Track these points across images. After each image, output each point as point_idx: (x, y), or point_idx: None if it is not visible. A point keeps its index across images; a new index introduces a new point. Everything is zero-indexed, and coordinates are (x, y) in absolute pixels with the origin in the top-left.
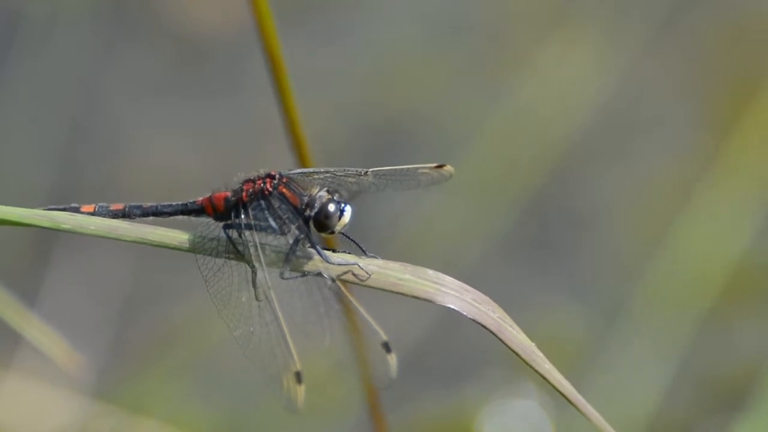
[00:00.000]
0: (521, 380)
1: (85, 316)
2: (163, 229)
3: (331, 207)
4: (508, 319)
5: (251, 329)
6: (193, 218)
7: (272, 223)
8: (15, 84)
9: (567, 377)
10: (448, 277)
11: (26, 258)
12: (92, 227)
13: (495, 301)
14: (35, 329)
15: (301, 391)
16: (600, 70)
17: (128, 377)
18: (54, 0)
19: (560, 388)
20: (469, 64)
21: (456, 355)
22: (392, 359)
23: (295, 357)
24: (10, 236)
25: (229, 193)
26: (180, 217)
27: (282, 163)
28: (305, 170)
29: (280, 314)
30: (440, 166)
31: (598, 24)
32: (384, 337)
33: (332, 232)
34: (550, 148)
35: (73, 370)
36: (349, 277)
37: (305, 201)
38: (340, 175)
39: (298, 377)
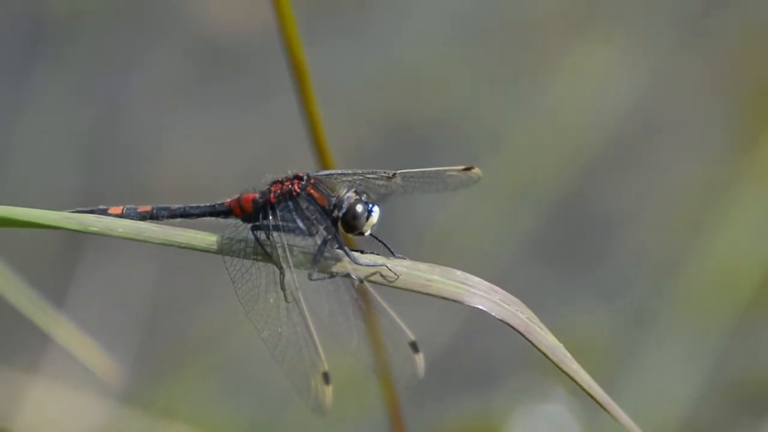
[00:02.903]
0: (550, 384)
1: (112, 319)
2: (191, 230)
3: (359, 208)
4: (536, 320)
5: (279, 330)
6: (221, 220)
7: (300, 224)
8: (42, 88)
9: (595, 379)
10: (476, 277)
11: (54, 262)
12: (120, 229)
13: (523, 302)
14: (72, 337)
15: (328, 392)
16: (628, 73)
17: (155, 380)
18: (79, 3)
19: (588, 389)
20: (496, 66)
21: (485, 359)
22: (419, 359)
23: (323, 358)
24: (38, 240)
25: (257, 195)
26: (208, 219)
27: (309, 166)
28: (333, 171)
29: (307, 315)
30: (468, 169)
31: (625, 26)
32: (411, 336)
33: (360, 233)
34: (577, 151)
35: (111, 379)
36: (377, 278)
37: (333, 202)
38: (369, 177)
39: (326, 378)
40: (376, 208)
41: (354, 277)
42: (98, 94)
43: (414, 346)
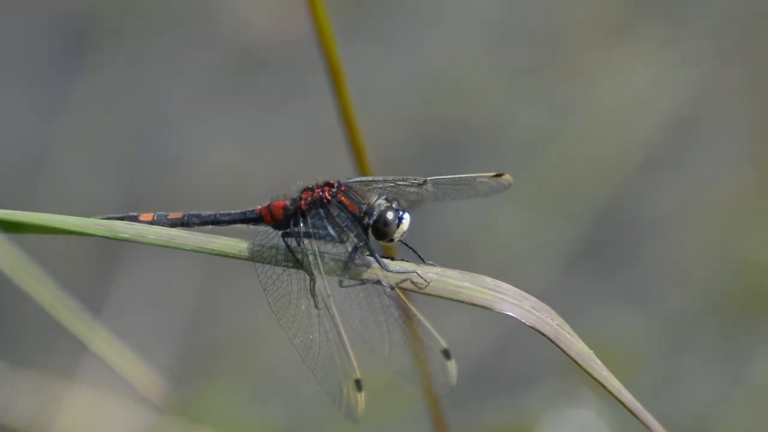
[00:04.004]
0: (581, 390)
1: (147, 326)
2: (223, 237)
3: (390, 215)
4: (567, 327)
5: (310, 337)
6: (251, 227)
7: (331, 231)
8: (78, 95)
9: (626, 386)
10: (506, 284)
11: (88, 269)
12: (151, 236)
13: (553, 309)
14: (115, 353)
15: (361, 398)
16: (661, 80)
17: (190, 387)
18: (115, 13)
19: (618, 396)
20: (531, 73)
21: (516, 365)
22: (452, 366)
23: (355, 365)
24: (71, 247)
25: (287, 202)
26: (238, 226)
27: (341, 172)
28: (364, 179)
29: (339, 322)
30: (499, 175)
31: (660, 34)
32: (444, 344)
33: (391, 240)
34: (611, 158)
35: (156, 396)
36: (407, 285)
37: (364, 209)
38: (399, 184)
39: (358, 385)
40: (406, 216)
41: (385, 284)
42: (131, 101)
43: (446, 354)
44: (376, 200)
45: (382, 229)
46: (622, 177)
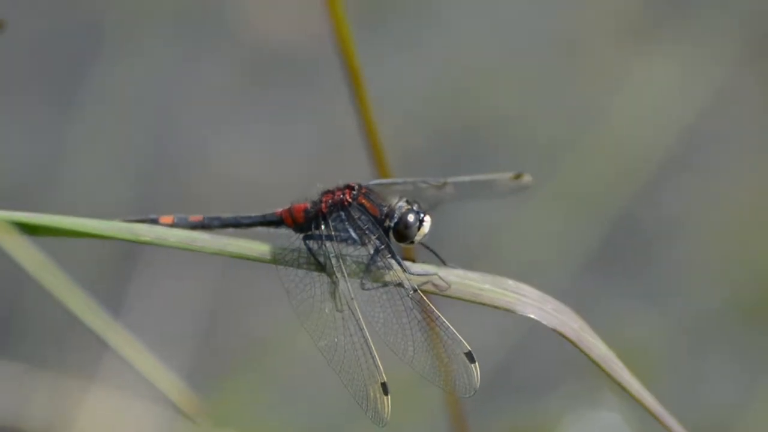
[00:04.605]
0: (603, 391)
1: (168, 328)
2: (243, 240)
3: (411, 217)
4: (588, 329)
5: (335, 340)
6: (272, 230)
7: (352, 233)
8: (93, 97)
9: (647, 388)
10: (527, 286)
11: (108, 272)
12: (172, 239)
13: (575, 311)
14: (138, 355)
15: (387, 401)
16: (683, 82)
17: (212, 389)
18: (131, 14)
19: (639, 399)
20: (552, 77)
21: (538, 367)
22: (475, 369)
23: (380, 368)
24: (91, 250)
25: (308, 205)
26: (259, 229)
27: (362, 174)
28: (384, 181)
29: (363, 325)
30: (518, 176)
31: (682, 36)
32: (467, 346)
33: (412, 242)
34: (630, 160)
35: (191, 411)
36: (429, 287)
37: (385, 211)
38: (419, 186)
39: (384, 388)
40: (427, 218)
41: (406, 286)
42: (150, 104)
43: (470, 356)
44: (396, 202)
45: (403, 232)
46: (644, 179)
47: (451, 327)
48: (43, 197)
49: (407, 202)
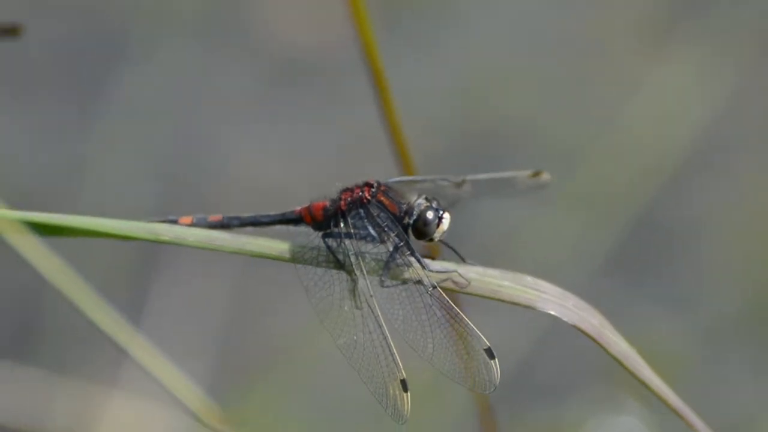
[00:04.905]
0: (623, 396)
1: (188, 331)
2: (262, 239)
3: (430, 214)
4: (609, 326)
5: (354, 338)
6: (291, 228)
7: (371, 231)
8: (114, 100)
9: (671, 388)
10: (547, 283)
11: (126, 274)
12: (191, 238)
13: (595, 309)
14: (156, 363)
15: (407, 399)
16: (702, 84)
17: (233, 393)
18: (154, 21)
19: (662, 396)
20: (571, 79)
21: (558, 369)
22: (495, 365)
23: (400, 365)
24: (111, 252)
25: (327, 203)
26: (278, 228)
27: (380, 175)
28: (403, 179)
29: (383, 322)
30: (537, 174)
31: (701, 38)
32: (486, 342)
33: (431, 240)
34: (649, 161)
35: (213, 423)
36: (448, 284)
37: (404, 209)
38: (438, 183)
39: (404, 385)
40: (446, 215)
41: (426, 283)
42: (170, 106)
43: (489, 352)
44: (415, 200)
45: (422, 229)
46: (664, 180)
47: (470, 323)
48: (66, 201)
49: (426, 199)
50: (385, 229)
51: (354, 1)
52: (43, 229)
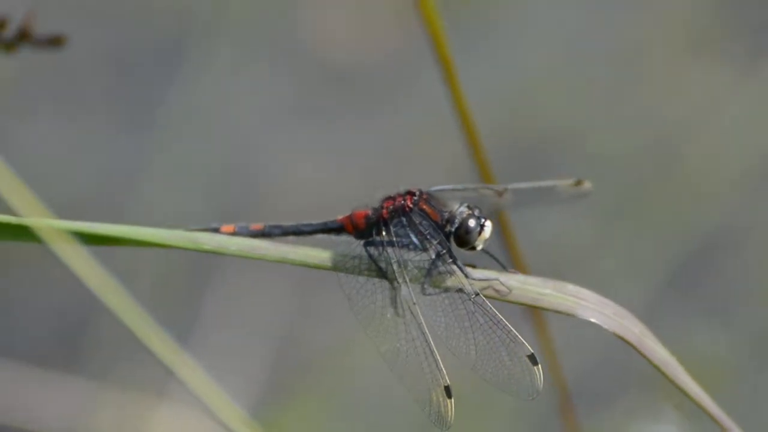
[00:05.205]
0: (662, 405)
1: (232, 342)
2: (304, 247)
3: (472, 222)
4: (649, 334)
5: (397, 346)
6: (333, 237)
7: (414, 239)
8: (161, 110)
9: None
10: (588, 291)
11: (173, 283)
12: (233, 247)
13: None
14: (200, 380)
15: (450, 405)
16: (755, 95)
17: (278, 405)
18: (201, 28)
19: (702, 405)
20: (614, 87)
21: (596, 377)
22: (538, 371)
23: (444, 372)
24: (155, 262)
25: (369, 211)
26: (320, 237)
27: (423, 182)
28: (444, 187)
29: (426, 330)
30: (579, 183)
31: (755, 47)
32: (529, 349)
33: (473, 248)
34: (692, 171)
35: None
36: (489, 292)
37: (446, 217)
38: (480, 192)
39: (448, 392)
40: (488, 223)
41: (468, 290)
42: (215, 115)
43: (533, 359)
44: (457, 208)
45: (463, 237)
46: (714, 192)
47: (513, 330)
48: (111, 211)
49: (468, 207)
50: (427, 237)
51: (424, 3)
52: (86, 238)
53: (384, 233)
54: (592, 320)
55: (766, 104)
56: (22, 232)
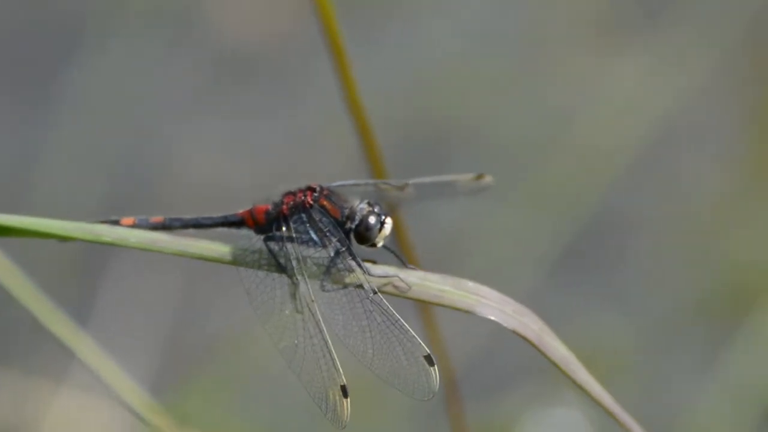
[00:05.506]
0: (563, 391)
1: (131, 329)
2: (204, 241)
3: (372, 219)
4: (548, 331)
5: (295, 342)
6: (233, 231)
7: (313, 235)
8: (61, 98)
9: (607, 390)
10: (488, 288)
11: (71, 275)
12: (133, 240)
13: (535, 313)
14: (100, 361)
15: (347, 404)
16: (649, 81)
17: (175, 390)
18: (102, 15)
19: (599, 400)
20: (518, 75)
21: (498, 365)
22: (434, 372)
23: (340, 371)
24: (52, 252)
25: (269, 206)
26: (220, 230)
27: (324, 174)
28: (345, 182)
29: (323, 327)
30: (479, 177)
31: (648, 35)
32: (426, 349)
33: (373, 245)
34: (596, 161)
35: (150, 416)
36: (389, 289)
37: (346, 213)
38: (381, 187)
39: (344, 391)
40: (388, 220)
41: (367, 288)
42: (115, 106)
43: (429, 359)
44: (358, 204)
45: (364, 234)
46: (608, 180)
47: (410, 330)
48: (8, 201)
49: (368, 203)
50: (327, 233)
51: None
52: None
53: (284, 229)
54: (492, 318)
55: (667, 90)
56: None
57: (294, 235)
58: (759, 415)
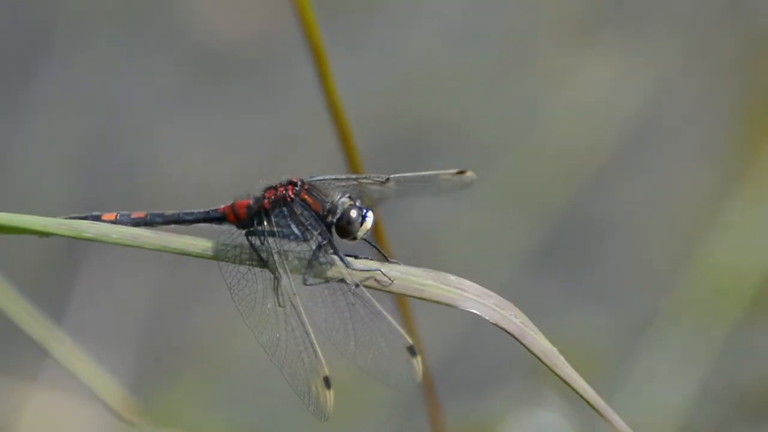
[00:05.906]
0: (545, 391)
1: (111, 328)
2: (186, 236)
3: (353, 213)
4: (530, 324)
5: (277, 336)
6: (215, 226)
7: (295, 230)
8: (39, 95)
9: (591, 384)
10: (469, 282)
11: (50, 270)
12: (114, 235)
13: (518, 307)
14: (76, 359)
15: (330, 396)
16: (625, 81)
17: (155, 389)
18: (78, 13)
19: (582, 393)
20: (498, 75)
21: (480, 364)
22: (417, 363)
23: (323, 362)
24: (30, 248)
25: (251, 201)
26: (202, 225)
27: (305, 171)
28: (327, 177)
29: (305, 320)
30: (461, 172)
31: (627, 34)
32: (409, 340)
33: (354, 238)
34: (575, 157)
35: (129, 415)
36: (371, 282)
37: (327, 207)
38: (362, 182)
39: (327, 382)
40: (370, 214)
41: (349, 281)
42: (95, 100)
43: (411, 350)
44: (339, 198)
45: (345, 228)
46: (588, 177)
47: (393, 321)
48: None
49: (350, 197)
50: (309, 227)
51: None
52: None
53: (265, 223)
54: (474, 311)
55: (645, 89)
56: None
57: (275, 229)
58: (738, 412)
